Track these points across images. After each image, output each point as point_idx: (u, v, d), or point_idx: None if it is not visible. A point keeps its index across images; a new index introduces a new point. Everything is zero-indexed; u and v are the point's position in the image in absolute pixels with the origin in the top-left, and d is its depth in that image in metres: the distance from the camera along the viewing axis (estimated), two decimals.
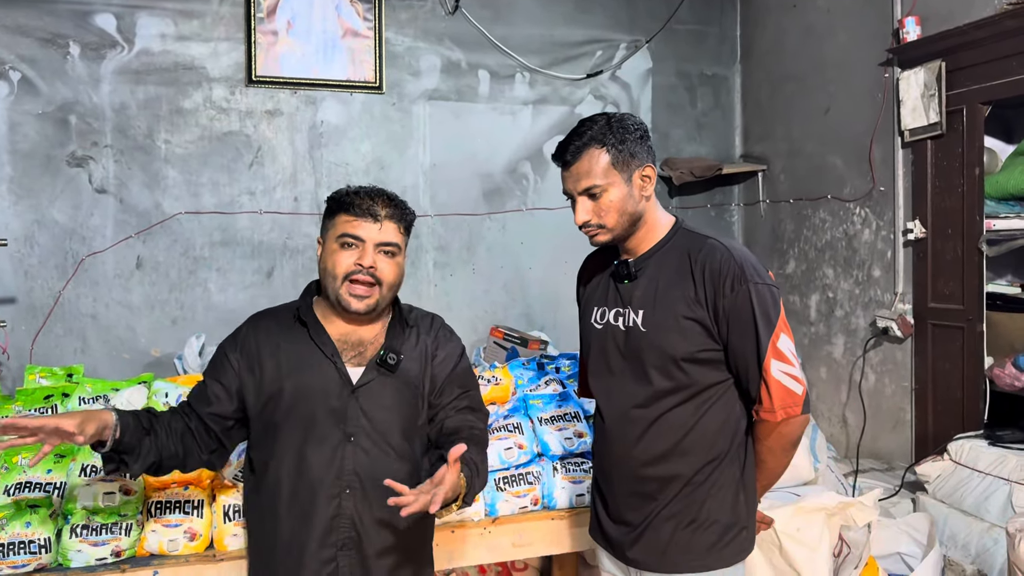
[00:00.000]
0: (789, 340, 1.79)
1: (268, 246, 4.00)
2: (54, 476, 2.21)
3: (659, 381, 1.82)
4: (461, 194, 4.29)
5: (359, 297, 1.77)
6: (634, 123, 1.85)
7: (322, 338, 1.82)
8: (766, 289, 1.78)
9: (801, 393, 1.77)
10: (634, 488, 1.88)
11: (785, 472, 1.93)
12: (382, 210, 1.77)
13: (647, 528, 1.85)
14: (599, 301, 1.98)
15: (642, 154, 1.84)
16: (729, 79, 4.76)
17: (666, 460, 1.83)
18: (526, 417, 2.61)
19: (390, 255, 1.80)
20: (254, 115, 3.97)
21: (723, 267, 1.77)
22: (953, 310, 3.36)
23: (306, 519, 1.77)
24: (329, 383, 1.79)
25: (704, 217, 4.68)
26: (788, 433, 1.81)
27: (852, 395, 3.89)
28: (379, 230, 1.77)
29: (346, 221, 1.77)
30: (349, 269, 1.76)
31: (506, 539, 2.43)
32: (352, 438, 1.78)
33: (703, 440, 1.82)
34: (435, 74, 4.24)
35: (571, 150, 1.83)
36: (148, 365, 3.77)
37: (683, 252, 1.83)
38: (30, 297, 3.68)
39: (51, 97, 3.68)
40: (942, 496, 3.05)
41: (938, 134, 3.38)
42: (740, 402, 1.85)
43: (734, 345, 1.78)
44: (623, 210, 1.83)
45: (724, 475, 1.84)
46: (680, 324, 1.79)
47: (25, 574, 2.05)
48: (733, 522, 1.85)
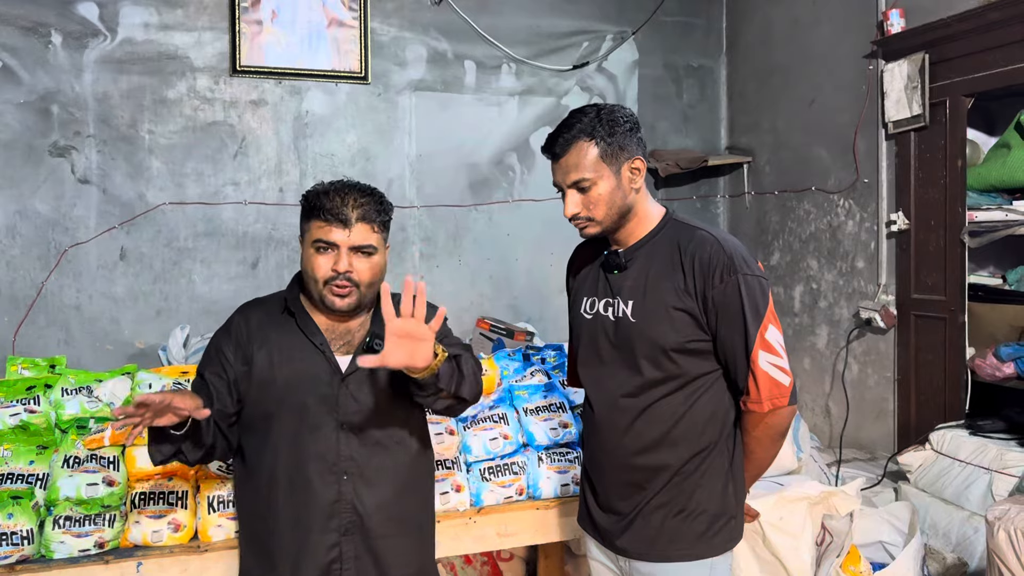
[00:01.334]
0: (777, 332, 1.79)
1: (253, 237, 3.99)
2: (36, 467, 2.20)
3: (649, 371, 1.82)
4: (447, 185, 4.28)
5: (340, 297, 1.79)
6: (624, 115, 1.84)
7: (310, 328, 1.84)
8: (755, 280, 1.78)
9: (788, 384, 1.79)
10: (624, 477, 1.89)
11: None
12: (352, 212, 1.76)
13: (637, 517, 1.86)
14: (589, 291, 1.98)
15: (631, 146, 1.84)
16: (715, 71, 4.77)
17: (656, 449, 1.84)
18: (511, 407, 2.62)
19: (366, 255, 1.80)
20: (238, 105, 3.95)
21: (713, 258, 1.77)
22: (936, 301, 3.39)
23: (306, 506, 1.79)
24: (319, 372, 1.81)
25: (690, 209, 4.70)
26: (775, 424, 1.82)
27: (835, 385, 3.92)
28: (350, 235, 1.77)
29: (318, 227, 1.77)
30: (327, 275, 1.77)
31: (491, 529, 2.44)
32: (344, 425, 1.80)
33: (692, 430, 1.83)
34: (421, 64, 4.22)
35: (560, 142, 1.82)
36: (132, 356, 3.75)
37: (673, 243, 1.84)
38: (12, 288, 3.65)
39: (33, 86, 3.65)
40: (923, 485, 3.08)
41: (921, 126, 3.40)
42: (729, 393, 1.86)
43: (722, 336, 1.79)
44: (612, 203, 1.83)
45: (713, 465, 1.85)
46: (670, 314, 1.79)
47: (7, 566, 2.04)
48: (722, 511, 1.86)
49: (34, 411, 2.31)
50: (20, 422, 2.28)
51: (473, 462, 2.49)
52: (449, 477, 2.41)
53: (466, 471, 2.48)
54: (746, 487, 1.95)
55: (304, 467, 1.79)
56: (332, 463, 1.79)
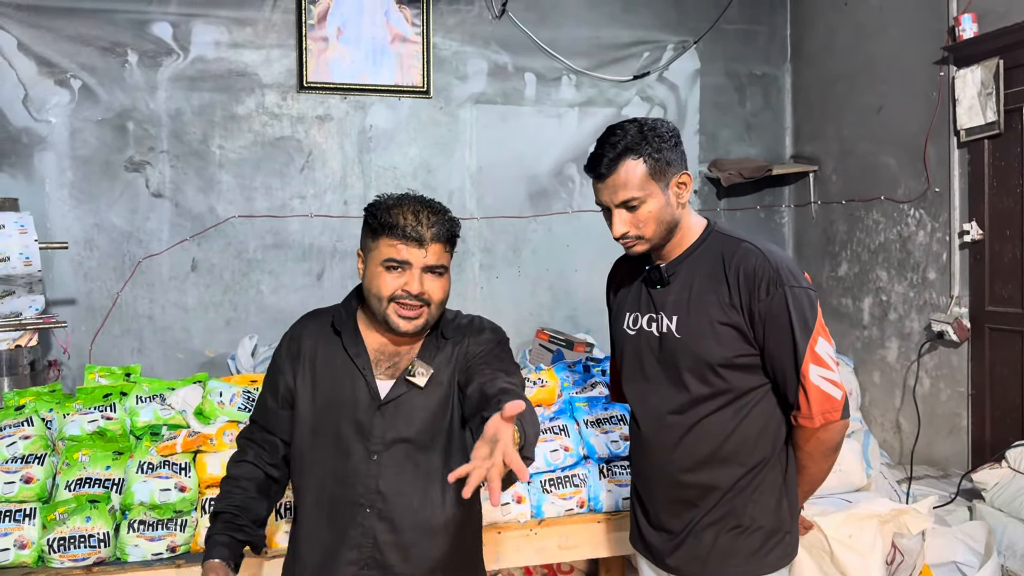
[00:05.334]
0: (828, 344, 1.75)
1: (318, 249, 4.07)
2: (113, 472, 2.27)
3: (696, 387, 1.79)
4: (507, 197, 4.31)
5: (408, 319, 1.69)
6: (667, 129, 1.79)
7: (356, 349, 1.75)
8: (802, 292, 1.74)
9: (840, 398, 1.74)
10: (674, 495, 1.85)
11: (836, 478, 1.90)
12: (427, 231, 1.66)
13: (688, 535, 1.83)
14: (631, 307, 1.94)
15: (677, 162, 1.79)
16: (779, 78, 4.70)
17: (706, 467, 1.80)
18: (572, 419, 2.61)
19: (438, 275, 1.71)
20: (305, 120, 4.04)
21: (758, 270, 1.73)
22: (1011, 313, 3.27)
23: (331, 533, 1.73)
24: (358, 396, 1.73)
25: (754, 219, 4.63)
26: (827, 439, 1.77)
27: (906, 400, 3.80)
28: (425, 255, 1.67)
29: (389, 245, 1.67)
30: (396, 293, 1.67)
31: (552, 541, 2.43)
32: (375, 456, 1.70)
33: (743, 446, 1.79)
34: (482, 78, 4.26)
35: (606, 162, 1.77)
36: (202, 365, 3.86)
37: (717, 255, 1.80)
38: (89, 298, 3.79)
39: (110, 104, 3.80)
40: (1000, 504, 2.97)
41: (995, 133, 3.29)
42: (779, 408, 1.81)
43: (771, 350, 1.75)
44: (661, 220, 1.79)
45: (766, 480, 1.81)
46: (715, 329, 1.76)
47: (84, 567, 2.11)
48: (776, 527, 1.82)
49: (110, 418, 2.40)
50: (98, 428, 2.37)
51: (534, 474, 2.49)
52: (510, 488, 2.41)
53: (527, 483, 2.48)
54: (800, 503, 1.90)
55: (331, 494, 1.72)
56: (359, 494, 1.70)
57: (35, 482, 2.20)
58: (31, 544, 2.11)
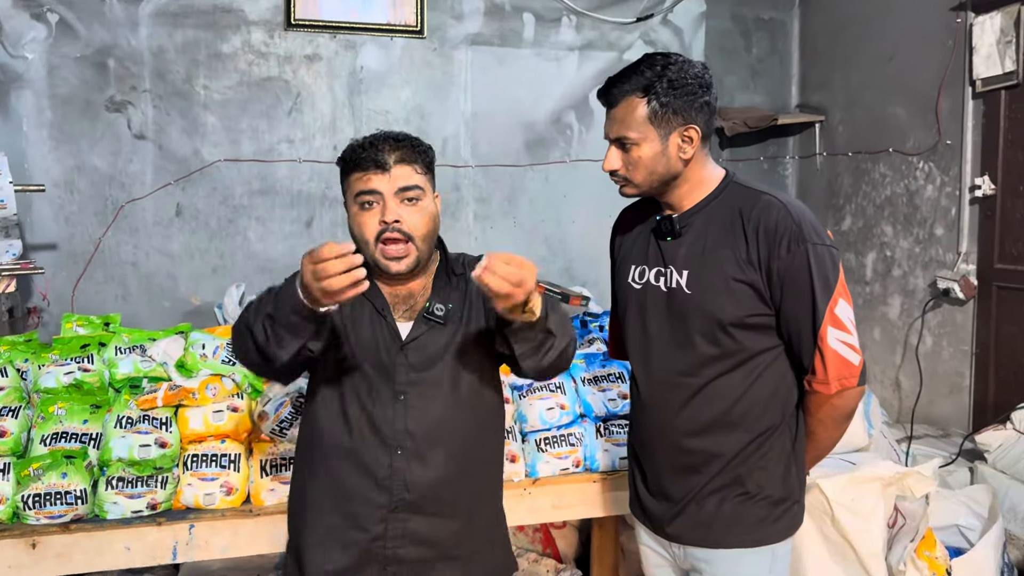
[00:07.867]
0: (848, 307, 1.66)
1: (307, 195, 3.94)
2: (90, 427, 2.19)
3: (704, 347, 1.70)
4: (503, 144, 4.16)
5: (396, 259, 1.66)
6: (692, 74, 1.68)
7: (372, 291, 1.71)
8: (825, 251, 1.65)
9: (858, 364, 1.66)
10: (676, 460, 1.78)
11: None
12: (390, 156, 1.65)
13: (690, 502, 1.76)
14: (637, 259, 1.85)
15: (689, 112, 1.68)
16: (787, 23, 4.52)
17: (712, 431, 1.73)
18: (568, 377, 2.53)
19: (413, 201, 1.66)
20: (293, 60, 3.88)
21: (779, 225, 1.64)
22: (1021, 272, 3.19)
23: (361, 476, 1.69)
24: (380, 338, 1.71)
25: (757, 170, 4.50)
26: (842, 406, 1.70)
27: (907, 358, 3.74)
28: (391, 178, 1.64)
29: (357, 178, 1.67)
30: (376, 230, 1.65)
31: (546, 500, 2.38)
32: (402, 396, 1.68)
33: (752, 410, 1.71)
34: (478, 17, 4.08)
35: (614, 92, 1.70)
36: (188, 313, 3.75)
37: (734, 208, 1.70)
38: (71, 243, 3.67)
39: (89, 40, 3.62)
40: (1003, 467, 2.92)
41: (1014, 84, 3.17)
42: (792, 371, 1.73)
43: (788, 311, 1.66)
44: (652, 169, 1.69)
45: (775, 447, 1.74)
46: (729, 286, 1.67)
47: (62, 524, 2.04)
48: (785, 496, 1.76)
49: (88, 370, 2.31)
50: (74, 380, 2.28)
51: (529, 432, 2.42)
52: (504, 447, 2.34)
53: (521, 441, 2.42)
54: (806, 469, 1.83)
55: (360, 437, 1.69)
56: (388, 435, 1.68)
57: (8, 436, 2.12)
58: (5, 500, 2.04)
